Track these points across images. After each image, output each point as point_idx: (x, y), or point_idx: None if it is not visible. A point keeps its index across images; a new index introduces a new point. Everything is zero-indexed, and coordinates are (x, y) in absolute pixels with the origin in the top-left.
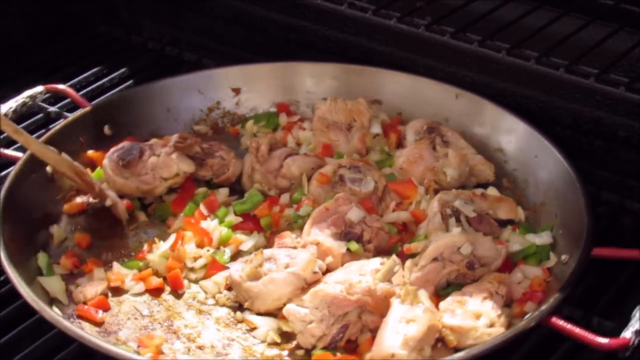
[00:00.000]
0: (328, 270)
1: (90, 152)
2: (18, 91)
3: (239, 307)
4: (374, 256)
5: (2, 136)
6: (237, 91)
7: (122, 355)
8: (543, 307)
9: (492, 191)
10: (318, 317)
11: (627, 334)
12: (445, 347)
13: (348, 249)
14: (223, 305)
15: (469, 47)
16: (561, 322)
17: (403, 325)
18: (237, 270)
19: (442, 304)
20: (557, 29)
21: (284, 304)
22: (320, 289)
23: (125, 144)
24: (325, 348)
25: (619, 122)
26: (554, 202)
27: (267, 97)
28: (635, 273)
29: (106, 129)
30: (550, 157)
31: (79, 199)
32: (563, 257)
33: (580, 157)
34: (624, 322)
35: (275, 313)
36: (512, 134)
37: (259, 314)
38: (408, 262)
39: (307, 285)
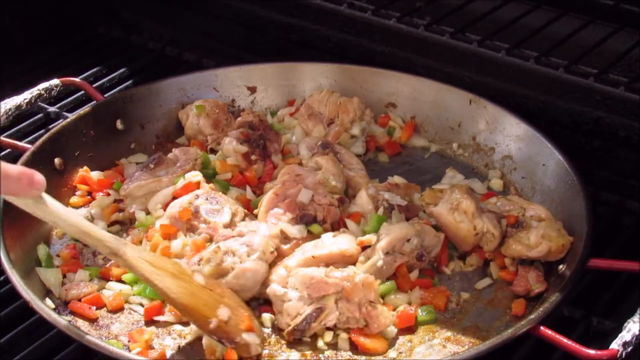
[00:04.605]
0: (283, 255)
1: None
2: (17, 91)
3: None
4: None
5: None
6: (253, 90)
7: (119, 354)
8: (532, 316)
9: (398, 179)
10: (296, 297)
11: (615, 345)
12: None
13: (309, 232)
14: None
15: (468, 47)
16: (550, 332)
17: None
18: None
19: None
20: (556, 29)
21: (256, 292)
22: (300, 269)
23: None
24: (295, 329)
25: (618, 122)
26: (558, 211)
27: (282, 97)
28: (636, 272)
29: (118, 123)
30: (557, 165)
31: None
32: (560, 266)
33: (579, 157)
34: (624, 322)
35: None
36: (522, 142)
37: None
38: (361, 257)
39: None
